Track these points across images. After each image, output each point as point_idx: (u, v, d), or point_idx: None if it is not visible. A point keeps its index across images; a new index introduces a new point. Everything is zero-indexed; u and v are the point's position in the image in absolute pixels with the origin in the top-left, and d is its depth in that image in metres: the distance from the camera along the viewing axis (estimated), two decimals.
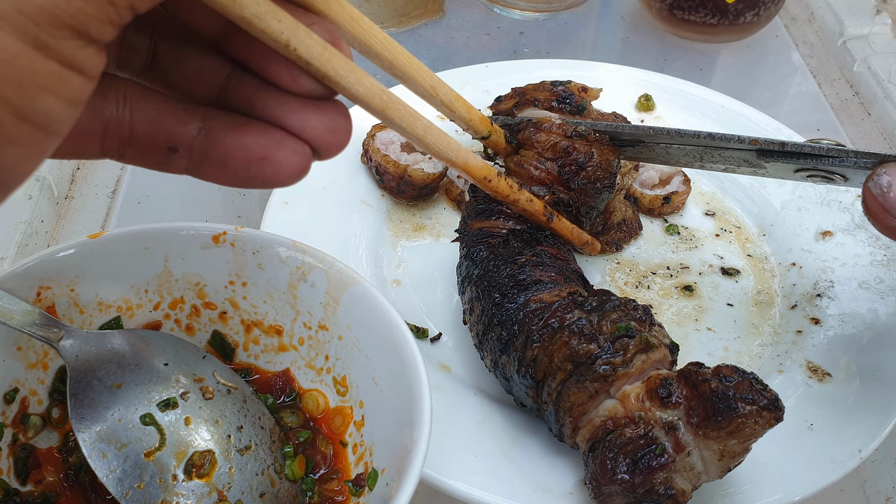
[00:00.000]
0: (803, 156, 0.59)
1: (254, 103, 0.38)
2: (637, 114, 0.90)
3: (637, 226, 0.79)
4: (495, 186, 0.61)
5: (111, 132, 0.38)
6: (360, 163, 0.82)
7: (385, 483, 0.50)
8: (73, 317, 0.56)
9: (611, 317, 0.56)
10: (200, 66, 0.39)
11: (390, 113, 0.45)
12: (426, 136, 0.50)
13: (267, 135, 0.38)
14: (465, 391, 0.64)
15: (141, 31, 0.39)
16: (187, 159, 0.38)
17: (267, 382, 0.59)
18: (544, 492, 0.57)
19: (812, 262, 0.76)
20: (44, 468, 0.54)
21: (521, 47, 1.09)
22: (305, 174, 0.39)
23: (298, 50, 0.37)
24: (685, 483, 0.52)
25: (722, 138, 0.62)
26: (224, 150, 0.38)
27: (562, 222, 0.68)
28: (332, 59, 0.38)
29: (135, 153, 0.39)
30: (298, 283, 0.57)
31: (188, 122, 0.38)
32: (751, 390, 0.51)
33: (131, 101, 0.38)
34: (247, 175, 0.38)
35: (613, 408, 0.54)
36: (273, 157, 0.38)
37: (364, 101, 0.42)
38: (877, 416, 0.61)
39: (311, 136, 0.38)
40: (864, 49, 1.07)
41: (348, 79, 0.40)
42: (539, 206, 0.66)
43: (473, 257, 0.65)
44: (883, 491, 0.67)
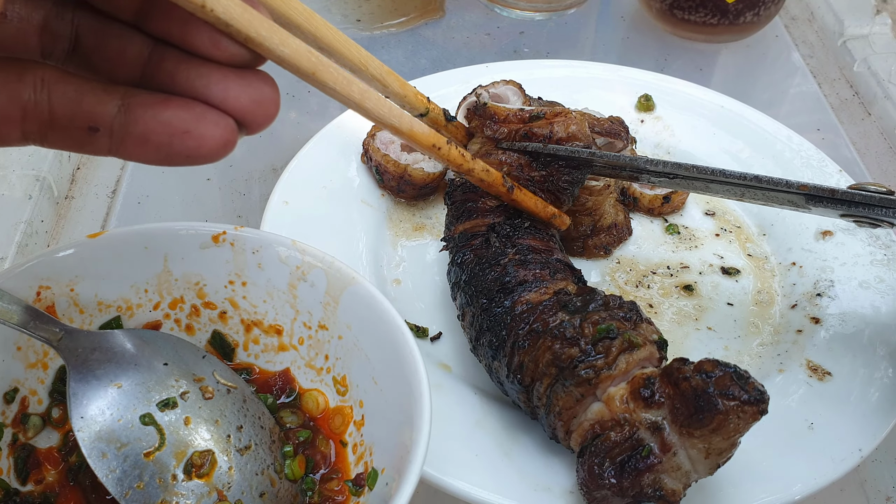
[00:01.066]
0: (853, 204, 0.57)
1: (176, 78, 0.38)
2: (637, 114, 0.90)
3: (627, 231, 0.79)
4: (446, 154, 0.57)
5: (30, 116, 0.37)
6: (360, 162, 0.82)
7: (385, 482, 0.50)
8: (72, 316, 0.55)
9: (593, 318, 0.55)
10: (122, 47, 0.39)
11: (322, 76, 0.42)
12: (364, 100, 0.46)
13: (188, 108, 0.37)
14: (465, 390, 0.64)
15: (61, 18, 0.39)
16: (108, 138, 0.38)
17: (267, 382, 0.59)
18: (544, 490, 0.57)
19: (812, 262, 0.75)
20: (44, 468, 0.54)
21: (522, 47, 1.09)
22: (230, 148, 0.38)
23: (216, 10, 0.36)
24: (674, 483, 0.52)
25: (770, 182, 0.59)
26: (144, 126, 0.37)
27: (523, 193, 0.65)
28: (254, 20, 0.37)
29: (56, 136, 0.38)
30: (298, 282, 0.57)
31: (108, 102, 0.38)
32: (732, 385, 0.50)
33: (49, 84, 0.37)
34: (169, 150, 0.37)
35: (600, 411, 0.54)
36: (194, 130, 0.37)
37: (291, 63, 0.40)
38: (877, 416, 0.61)
39: (234, 106, 0.38)
40: (864, 49, 1.07)
41: (272, 40, 0.38)
42: (496, 176, 0.63)
43: (459, 262, 0.65)
44: (883, 490, 0.67)
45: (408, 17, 1.12)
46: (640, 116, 0.89)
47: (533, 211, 0.66)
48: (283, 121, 0.92)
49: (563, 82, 0.90)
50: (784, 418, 0.62)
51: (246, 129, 0.39)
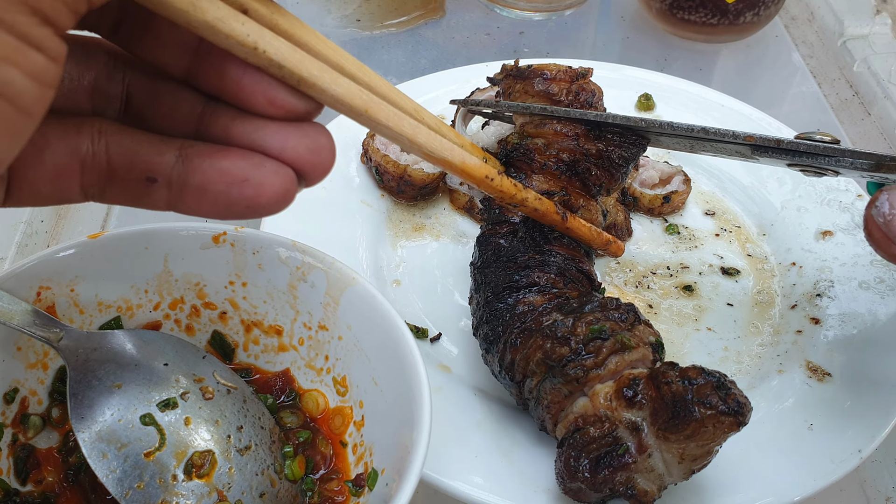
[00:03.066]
0: (798, 153, 0.58)
1: (231, 132, 0.37)
2: (637, 113, 0.90)
3: (627, 232, 0.79)
4: (499, 185, 0.57)
5: (88, 168, 0.37)
6: (360, 163, 0.82)
7: (385, 483, 0.50)
8: (72, 317, 0.56)
9: (586, 318, 0.55)
10: (174, 104, 0.38)
11: (374, 113, 0.42)
12: (416, 135, 0.46)
13: (246, 158, 0.37)
14: (465, 391, 0.64)
15: (112, 79, 0.39)
16: (167, 190, 0.38)
17: (267, 382, 0.59)
18: (544, 492, 0.57)
19: (812, 262, 0.76)
20: (44, 468, 0.54)
21: (522, 47, 1.09)
22: (290, 198, 0.38)
23: (268, 52, 0.35)
24: (648, 484, 0.52)
25: (717, 133, 0.61)
26: (202, 176, 0.37)
27: (577, 222, 0.64)
28: (304, 60, 0.37)
29: (115, 189, 0.38)
30: (298, 283, 0.57)
31: (165, 152, 0.37)
32: (712, 394, 0.50)
33: (106, 135, 0.37)
34: (227, 200, 0.37)
35: (585, 405, 0.54)
36: (253, 179, 0.36)
37: (344, 102, 0.40)
38: (877, 416, 0.61)
39: (293, 156, 0.37)
40: (864, 49, 1.07)
41: (324, 79, 0.38)
42: (549, 204, 0.62)
43: (481, 244, 0.64)
44: (883, 491, 0.67)
45: (408, 16, 1.12)
46: (640, 116, 0.89)
47: (587, 239, 0.64)
48: None
49: None
50: (784, 419, 0.62)
51: (305, 180, 0.38)
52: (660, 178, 0.83)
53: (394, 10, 1.13)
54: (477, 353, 0.65)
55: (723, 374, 0.51)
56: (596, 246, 0.65)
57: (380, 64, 1.05)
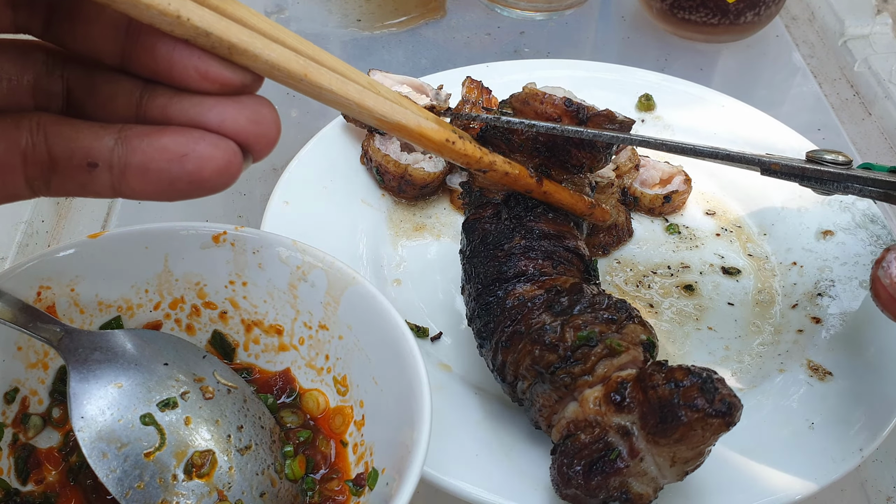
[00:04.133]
0: (807, 178, 0.58)
1: (169, 112, 0.37)
2: (637, 113, 0.90)
3: (627, 232, 0.79)
4: (462, 149, 0.52)
5: (30, 161, 0.37)
6: (360, 163, 0.82)
7: (385, 482, 0.50)
8: (73, 317, 0.56)
9: (575, 323, 0.55)
10: (113, 92, 0.39)
11: (314, 77, 0.39)
12: (363, 99, 0.43)
13: (185, 133, 0.37)
14: (466, 390, 0.64)
15: (51, 75, 0.39)
16: (109, 173, 0.38)
17: (267, 382, 0.59)
18: (545, 490, 0.57)
19: (813, 262, 0.75)
20: (44, 468, 0.54)
21: (522, 47, 1.09)
22: (235, 171, 0.37)
23: (192, 19, 0.34)
24: (642, 487, 0.51)
25: (727, 156, 0.60)
26: (142, 156, 0.37)
27: (554, 185, 0.59)
28: (232, 27, 0.36)
29: (59, 179, 0.38)
30: (299, 282, 0.57)
31: (104, 136, 0.37)
32: (698, 396, 0.48)
33: (45, 126, 0.38)
34: (169, 177, 0.37)
35: (576, 411, 0.54)
36: (193, 153, 0.36)
37: (281, 67, 0.38)
38: (878, 416, 0.61)
39: (233, 128, 0.37)
40: (865, 49, 1.07)
41: (255, 45, 0.36)
42: (521, 168, 0.57)
43: (467, 229, 0.63)
44: (884, 491, 0.67)
45: (408, 16, 1.12)
46: (640, 116, 0.89)
47: (567, 204, 0.60)
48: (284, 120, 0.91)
49: (563, 82, 0.89)
50: (784, 418, 0.62)
51: (251, 153, 0.38)
52: (660, 178, 0.83)
53: (394, 9, 1.13)
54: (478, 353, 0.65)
55: (711, 371, 0.50)
56: (579, 211, 0.62)
57: (380, 64, 1.05)
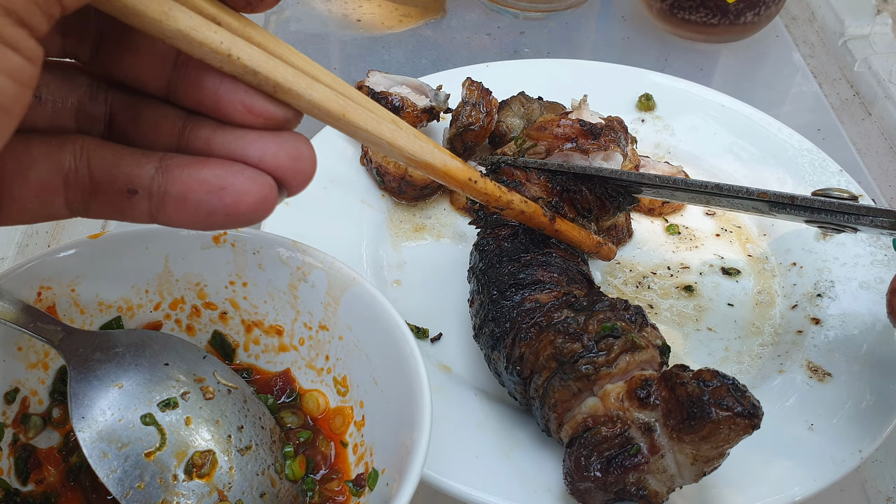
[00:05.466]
0: (816, 210, 0.57)
1: (212, 144, 0.38)
2: (637, 113, 0.90)
3: (627, 233, 0.79)
4: (483, 188, 0.55)
5: (72, 184, 0.38)
6: (360, 164, 0.82)
7: (385, 483, 0.50)
8: (73, 317, 0.56)
9: (598, 317, 0.55)
10: (156, 121, 0.39)
11: (352, 117, 0.42)
12: (396, 139, 0.45)
13: (225, 166, 0.37)
14: (466, 391, 0.64)
15: (95, 99, 0.39)
16: (148, 201, 0.38)
17: (267, 382, 0.59)
18: (545, 492, 0.57)
19: (812, 262, 0.76)
20: (44, 468, 0.54)
21: (522, 47, 1.09)
22: (270, 206, 0.38)
23: (242, 58, 0.36)
24: (658, 485, 0.52)
25: (730, 190, 0.59)
26: (182, 186, 0.37)
27: (566, 224, 0.63)
28: (279, 66, 0.37)
29: (98, 203, 0.39)
30: (299, 283, 0.57)
31: (146, 164, 0.38)
32: (727, 396, 0.50)
33: (88, 151, 0.38)
34: (207, 209, 0.37)
35: (594, 405, 0.54)
36: (231, 187, 0.37)
37: (322, 107, 0.40)
38: (877, 416, 0.61)
39: (272, 164, 0.38)
40: (865, 49, 1.07)
41: (300, 84, 0.38)
42: (536, 207, 0.61)
43: (482, 248, 0.65)
44: (884, 491, 0.67)
45: (408, 16, 1.12)
46: (640, 116, 0.90)
47: (577, 241, 0.64)
48: None
49: (563, 82, 0.90)
50: (784, 419, 0.62)
51: (286, 189, 0.39)
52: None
53: (394, 10, 1.13)
54: (478, 353, 0.65)
55: (735, 378, 0.51)
56: (587, 249, 0.65)
57: (380, 64, 1.05)
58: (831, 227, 0.59)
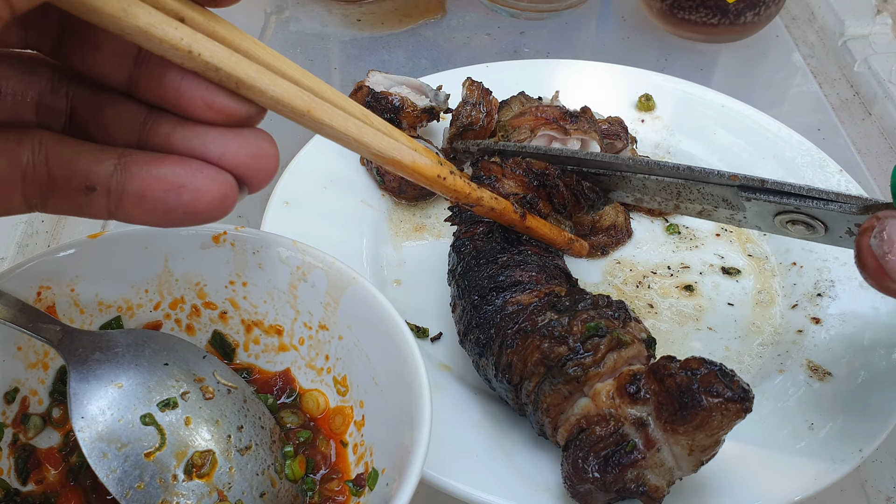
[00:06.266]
0: (785, 194, 0.57)
1: (172, 140, 0.38)
2: (637, 113, 0.90)
3: (626, 233, 0.79)
4: (452, 185, 0.55)
5: (29, 179, 0.38)
6: (360, 164, 0.82)
7: (385, 483, 0.50)
8: (73, 317, 0.56)
9: (581, 317, 0.55)
10: (117, 115, 0.39)
11: (317, 113, 0.41)
12: (362, 135, 0.45)
13: (183, 164, 0.37)
14: (466, 391, 0.64)
15: (56, 93, 0.39)
16: (106, 198, 0.38)
17: (267, 382, 0.59)
18: (545, 491, 0.57)
19: (812, 262, 0.75)
20: (44, 468, 0.54)
21: (522, 47, 1.09)
22: (230, 204, 0.38)
23: (203, 55, 0.35)
24: (658, 479, 0.52)
25: (702, 172, 0.60)
26: (140, 183, 0.37)
27: (537, 221, 0.63)
28: (241, 63, 0.37)
29: (56, 199, 0.39)
30: (299, 282, 0.57)
31: (104, 161, 0.38)
32: (716, 382, 0.50)
33: (46, 146, 0.38)
34: (165, 206, 0.37)
35: (586, 406, 0.54)
36: (190, 185, 0.37)
37: (285, 103, 0.39)
38: (877, 416, 0.61)
39: (233, 162, 0.38)
40: (865, 49, 1.07)
41: (262, 81, 0.38)
42: (506, 203, 0.61)
43: (458, 250, 0.64)
44: (884, 491, 0.67)
45: (408, 16, 1.12)
46: (640, 116, 0.89)
47: (548, 238, 0.64)
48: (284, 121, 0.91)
49: (563, 82, 0.90)
50: (784, 418, 0.62)
51: (247, 187, 0.39)
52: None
53: (394, 9, 1.13)
54: None
55: (721, 362, 0.51)
56: (558, 246, 0.65)
57: (380, 64, 1.05)
58: (802, 223, 0.59)
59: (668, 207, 0.66)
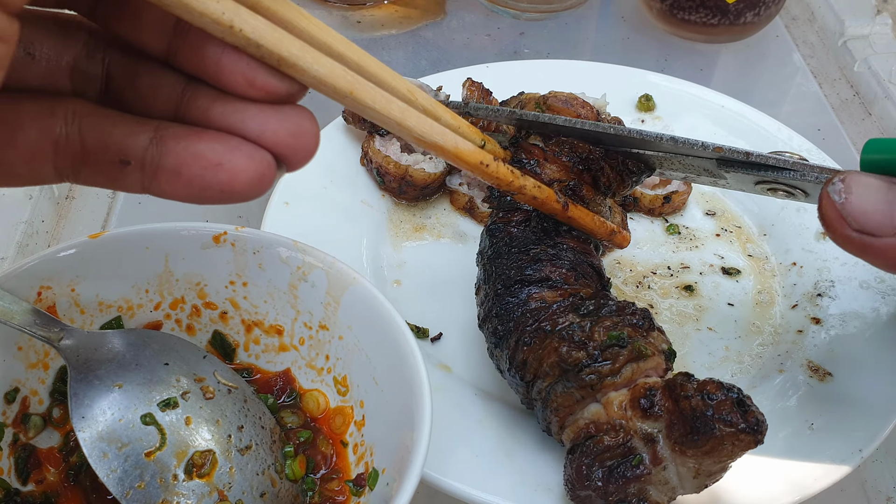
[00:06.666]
0: (764, 167, 0.57)
1: (210, 114, 0.37)
2: (637, 114, 0.90)
3: None
4: (495, 172, 0.54)
5: (62, 150, 0.37)
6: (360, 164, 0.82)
7: (385, 483, 0.50)
8: (73, 317, 0.56)
9: (604, 324, 0.54)
10: (154, 85, 0.38)
11: (360, 95, 0.40)
12: (405, 119, 0.44)
13: (222, 141, 0.36)
14: (466, 391, 0.64)
15: (92, 58, 0.38)
16: (140, 172, 0.37)
17: (267, 382, 0.59)
18: (545, 491, 0.57)
19: (812, 262, 0.76)
20: (44, 468, 0.54)
21: (522, 48, 1.09)
22: (267, 183, 0.37)
23: (245, 30, 0.34)
24: (659, 496, 0.51)
25: (685, 143, 0.59)
26: (176, 159, 0.36)
27: (579, 210, 0.61)
28: (284, 39, 0.36)
29: (88, 171, 0.38)
30: (299, 282, 0.57)
31: (140, 133, 0.37)
32: (731, 411, 0.49)
33: (80, 117, 0.37)
34: (201, 184, 0.36)
35: (597, 412, 0.53)
36: (227, 163, 0.36)
37: (328, 83, 0.38)
38: (877, 416, 0.61)
39: (272, 140, 0.36)
40: (865, 49, 1.07)
41: (305, 59, 0.36)
42: (549, 192, 0.59)
43: (492, 233, 0.63)
44: (884, 491, 0.67)
45: (408, 17, 1.12)
46: (640, 116, 0.90)
47: (590, 228, 0.62)
48: None
49: (563, 83, 0.90)
50: (784, 419, 0.62)
51: (286, 165, 0.38)
52: (660, 178, 0.83)
53: (394, 11, 1.13)
54: (478, 353, 0.65)
55: (739, 388, 0.51)
56: (600, 236, 0.63)
57: None
58: (782, 189, 0.59)
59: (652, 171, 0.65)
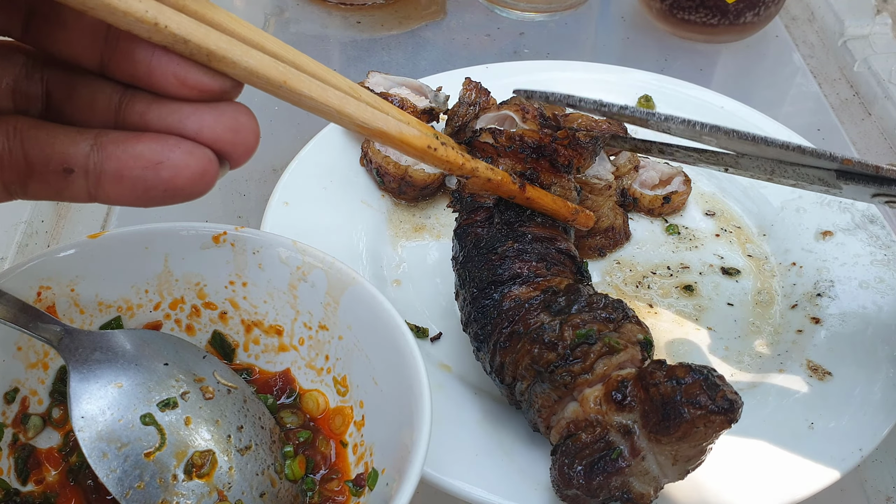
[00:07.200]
0: (889, 181, 0.55)
1: (147, 118, 0.37)
2: None
3: (624, 235, 0.79)
4: (444, 156, 0.51)
5: (6, 165, 0.37)
6: (360, 164, 0.82)
7: (385, 483, 0.50)
8: (73, 317, 0.56)
9: (573, 321, 0.54)
10: (92, 96, 0.39)
11: (294, 84, 0.39)
12: (344, 106, 0.43)
13: (160, 140, 0.37)
14: (465, 390, 0.65)
15: (31, 78, 0.39)
16: (85, 179, 0.38)
17: (267, 382, 0.59)
18: (546, 489, 0.57)
19: (812, 262, 0.76)
20: (44, 468, 0.54)
21: (522, 48, 1.09)
22: (210, 179, 0.37)
23: (170, 27, 0.34)
24: (643, 487, 0.51)
25: (813, 153, 0.55)
26: (117, 162, 0.37)
27: (537, 191, 0.60)
28: (211, 34, 0.36)
29: (35, 184, 0.38)
30: (299, 283, 0.57)
31: (80, 142, 0.37)
32: (700, 393, 0.48)
33: (21, 132, 0.38)
34: (144, 185, 0.37)
35: (575, 410, 0.53)
36: (167, 161, 0.36)
37: (260, 74, 0.38)
38: (877, 416, 0.61)
39: (210, 137, 0.37)
40: (865, 49, 1.07)
41: (234, 52, 0.36)
42: (504, 174, 0.58)
43: (460, 237, 0.63)
44: (883, 490, 0.67)
45: (408, 18, 1.13)
46: None
47: (551, 210, 0.61)
48: (283, 121, 0.92)
49: (563, 83, 0.90)
50: (784, 418, 0.62)
51: (228, 160, 0.38)
52: (660, 178, 0.83)
53: (394, 12, 1.13)
54: None
55: (711, 369, 0.50)
56: (562, 217, 0.63)
57: (380, 65, 1.05)
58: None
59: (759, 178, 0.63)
